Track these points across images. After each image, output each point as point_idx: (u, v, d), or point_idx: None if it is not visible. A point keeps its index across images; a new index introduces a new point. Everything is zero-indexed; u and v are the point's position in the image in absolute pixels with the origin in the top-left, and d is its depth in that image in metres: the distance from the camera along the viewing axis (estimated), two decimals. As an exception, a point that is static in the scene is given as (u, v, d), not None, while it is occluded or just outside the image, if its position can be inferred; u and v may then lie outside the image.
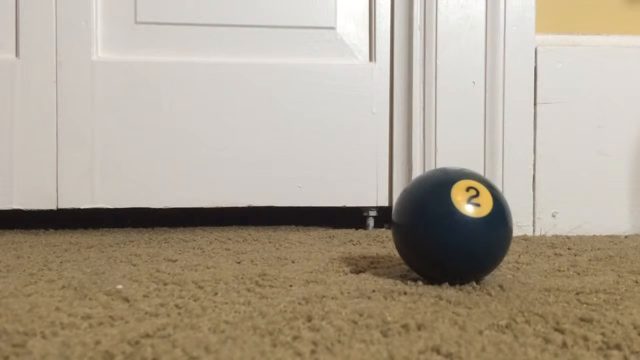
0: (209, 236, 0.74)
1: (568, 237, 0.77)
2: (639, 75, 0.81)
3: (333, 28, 0.82)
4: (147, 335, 0.34)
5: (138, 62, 0.79)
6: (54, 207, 0.78)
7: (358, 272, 0.53)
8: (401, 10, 0.82)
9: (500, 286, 0.47)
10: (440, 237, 0.46)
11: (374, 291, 0.45)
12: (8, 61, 0.77)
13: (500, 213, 0.47)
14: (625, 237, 0.79)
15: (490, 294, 0.45)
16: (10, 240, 0.71)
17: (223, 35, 0.81)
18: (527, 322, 0.38)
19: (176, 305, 0.41)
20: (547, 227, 0.80)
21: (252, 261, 0.58)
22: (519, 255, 0.63)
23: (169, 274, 0.51)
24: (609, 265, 0.58)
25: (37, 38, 0.77)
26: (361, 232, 0.80)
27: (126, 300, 0.43)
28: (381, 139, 0.82)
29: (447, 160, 0.79)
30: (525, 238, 0.76)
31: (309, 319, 0.38)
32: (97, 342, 0.33)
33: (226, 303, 0.42)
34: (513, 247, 0.68)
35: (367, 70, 0.82)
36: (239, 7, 0.81)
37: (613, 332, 0.36)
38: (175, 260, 0.58)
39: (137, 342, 0.33)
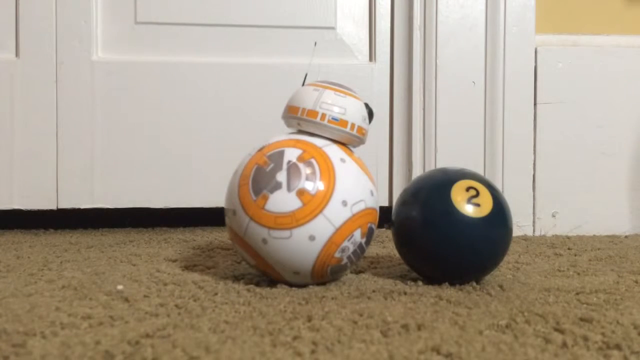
0: (209, 236, 0.74)
1: (568, 237, 0.77)
2: (639, 75, 0.81)
3: (333, 28, 0.82)
4: (147, 335, 0.34)
5: (138, 62, 0.79)
6: (54, 207, 0.78)
7: (358, 272, 0.53)
8: (401, 10, 0.82)
9: (500, 286, 0.47)
10: (440, 237, 0.46)
11: (374, 291, 0.45)
12: (8, 61, 0.77)
13: (500, 213, 0.47)
14: (625, 237, 0.79)
15: (490, 294, 0.45)
16: (10, 240, 0.71)
17: (223, 35, 0.81)
18: (527, 322, 0.38)
19: (176, 305, 0.41)
20: (547, 227, 0.80)
21: (252, 261, 0.58)
22: (519, 255, 0.63)
23: (169, 274, 0.51)
24: (609, 265, 0.58)
25: (37, 38, 0.77)
26: (361, 232, 0.80)
27: (126, 300, 0.43)
28: (381, 139, 0.82)
29: (447, 160, 0.79)
30: (525, 238, 0.76)
31: (309, 319, 0.38)
32: (97, 342, 0.33)
33: (226, 303, 0.42)
34: (513, 247, 0.68)
35: (367, 70, 0.82)
36: (239, 7, 0.81)
37: (613, 332, 0.36)
38: (175, 260, 0.58)
39: (137, 342, 0.33)
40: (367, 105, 0.49)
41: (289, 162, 0.45)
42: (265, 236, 0.44)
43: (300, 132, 0.48)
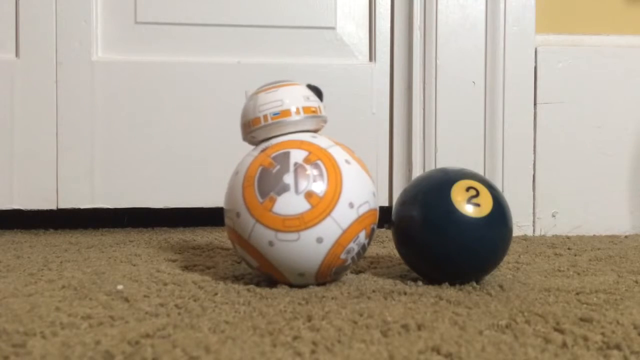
0: (209, 236, 0.74)
1: (568, 237, 0.77)
2: (639, 75, 0.81)
3: (333, 28, 0.82)
4: (147, 335, 0.34)
5: (138, 62, 0.79)
6: (54, 207, 0.78)
7: (358, 272, 0.53)
8: (401, 10, 0.82)
9: (500, 286, 0.47)
10: (440, 237, 0.46)
11: (374, 291, 0.45)
12: (8, 61, 0.77)
13: (500, 213, 0.47)
14: (625, 237, 0.79)
15: (490, 294, 0.45)
16: (10, 240, 0.71)
17: (223, 35, 0.81)
18: (527, 322, 0.38)
19: (176, 305, 0.41)
20: (547, 227, 0.80)
21: (252, 261, 0.58)
22: (519, 255, 0.63)
23: (169, 274, 0.51)
24: (609, 265, 0.58)
25: (37, 38, 0.77)
26: (361, 232, 0.80)
27: (126, 300, 0.43)
28: (381, 139, 0.82)
29: (447, 160, 0.79)
30: (525, 238, 0.76)
31: (309, 319, 0.38)
32: (97, 342, 0.33)
33: (226, 303, 0.42)
34: (513, 247, 0.68)
35: (367, 70, 0.82)
36: (239, 7, 0.81)
37: (613, 332, 0.36)
38: (175, 260, 0.58)
39: (137, 342, 0.33)
40: (309, 86, 0.49)
41: (295, 163, 0.45)
42: (272, 239, 0.44)
43: (264, 140, 0.48)
